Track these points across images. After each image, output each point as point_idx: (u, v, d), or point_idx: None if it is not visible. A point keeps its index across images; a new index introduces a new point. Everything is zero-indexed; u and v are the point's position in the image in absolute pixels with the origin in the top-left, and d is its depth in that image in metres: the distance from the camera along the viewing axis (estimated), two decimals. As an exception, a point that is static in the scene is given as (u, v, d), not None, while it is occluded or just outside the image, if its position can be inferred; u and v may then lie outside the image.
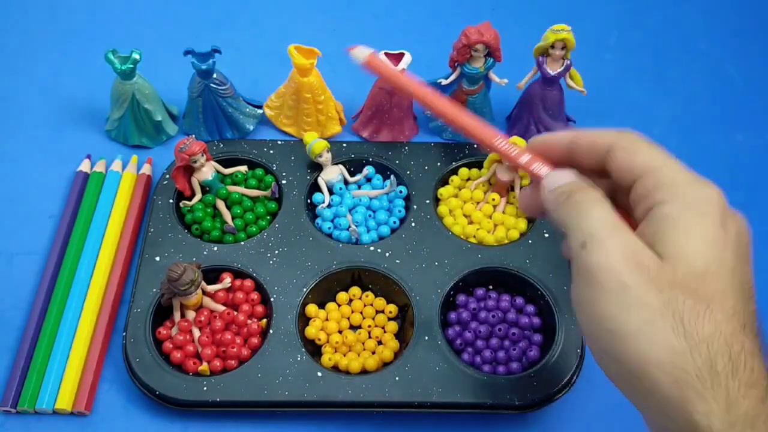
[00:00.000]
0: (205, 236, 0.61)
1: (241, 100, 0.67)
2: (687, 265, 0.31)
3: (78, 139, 0.68)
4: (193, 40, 0.63)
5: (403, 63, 0.62)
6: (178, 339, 0.55)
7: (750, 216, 0.71)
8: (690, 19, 0.83)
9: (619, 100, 0.74)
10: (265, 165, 0.65)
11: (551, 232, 0.61)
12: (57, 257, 0.60)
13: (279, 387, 0.52)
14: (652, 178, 0.34)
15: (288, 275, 0.58)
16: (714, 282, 0.31)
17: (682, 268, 0.31)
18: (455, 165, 0.65)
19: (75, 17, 0.79)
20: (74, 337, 0.56)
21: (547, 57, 0.64)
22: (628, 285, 0.31)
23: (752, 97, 0.76)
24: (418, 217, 0.62)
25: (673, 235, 0.32)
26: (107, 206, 0.63)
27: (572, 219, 0.35)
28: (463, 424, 0.54)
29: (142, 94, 0.64)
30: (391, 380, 0.53)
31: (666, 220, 0.33)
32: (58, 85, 0.73)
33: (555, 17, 0.64)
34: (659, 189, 0.33)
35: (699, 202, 0.33)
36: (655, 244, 0.32)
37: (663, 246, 0.32)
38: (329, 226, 0.62)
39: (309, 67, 0.63)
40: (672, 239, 0.32)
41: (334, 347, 0.56)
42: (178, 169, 0.60)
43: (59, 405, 0.53)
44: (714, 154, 0.70)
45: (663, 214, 0.33)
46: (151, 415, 0.54)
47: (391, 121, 0.67)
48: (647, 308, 0.31)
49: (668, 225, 0.32)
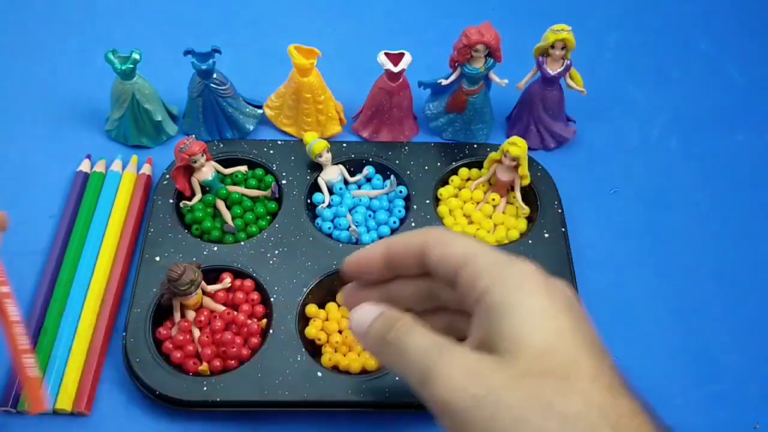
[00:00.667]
0: (205, 236, 0.61)
1: (241, 100, 0.67)
2: (530, 348, 0.30)
3: (78, 139, 0.68)
4: (193, 40, 0.63)
5: (403, 63, 0.62)
6: (178, 339, 0.55)
7: (750, 216, 0.71)
8: (690, 19, 0.83)
9: (619, 100, 0.74)
10: (265, 165, 0.65)
11: (551, 232, 0.61)
12: (57, 257, 0.60)
13: (279, 387, 0.52)
14: (471, 266, 0.33)
15: (288, 275, 0.58)
16: (562, 354, 0.30)
17: (527, 354, 0.30)
18: (455, 165, 0.65)
19: (75, 17, 0.79)
20: (74, 337, 0.56)
21: (547, 57, 0.64)
22: (482, 396, 0.30)
23: (752, 97, 0.76)
24: (418, 217, 0.62)
25: (507, 324, 0.31)
26: (107, 206, 0.62)
27: (398, 361, 0.33)
28: (463, 424, 0.54)
29: (142, 94, 0.64)
30: (391, 380, 0.53)
31: (495, 309, 0.32)
32: (58, 85, 0.73)
33: (555, 17, 0.64)
34: (480, 277, 0.32)
35: (520, 281, 0.32)
36: (494, 337, 0.31)
37: (501, 337, 0.31)
38: (329, 226, 0.62)
39: (309, 67, 0.63)
40: (507, 329, 0.31)
41: (334, 347, 0.56)
42: (178, 169, 0.60)
43: (59, 405, 0.53)
44: (714, 154, 0.70)
45: (491, 304, 0.32)
46: (151, 415, 0.54)
47: (391, 121, 0.67)
48: (512, 409, 0.29)
49: (499, 314, 0.31)
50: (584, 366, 0.30)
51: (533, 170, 0.64)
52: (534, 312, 0.31)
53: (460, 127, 0.68)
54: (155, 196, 0.62)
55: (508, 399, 0.29)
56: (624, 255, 0.63)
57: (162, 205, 0.62)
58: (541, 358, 0.30)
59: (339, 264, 0.59)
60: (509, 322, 0.31)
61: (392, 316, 0.34)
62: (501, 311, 0.31)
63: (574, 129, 0.70)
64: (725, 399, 0.56)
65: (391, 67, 0.62)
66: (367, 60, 0.65)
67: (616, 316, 0.60)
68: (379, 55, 0.63)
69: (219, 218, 0.62)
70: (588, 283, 0.60)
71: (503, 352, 0.30)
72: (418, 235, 0.36)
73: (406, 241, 0.36)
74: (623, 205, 0.66)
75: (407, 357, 0.32)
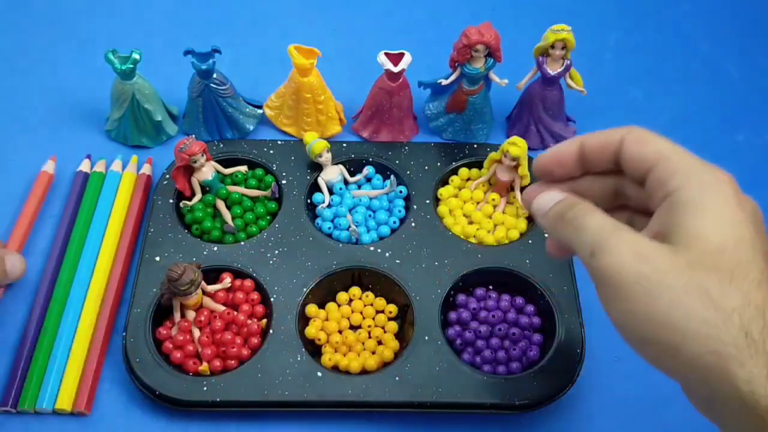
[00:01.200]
0: (205, 236, 0.61)
1: (241, 100, 0.67)
2: (704, 243, 0.32)
3: (78, 139, 0.68)
4: (193, 40, 0.63)
5: (403, 63, 0.62)
6: (178, 339, 0.55)
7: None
8: (690, 19, 0.83)
9: (619, 100, 0.74)
10: (265, 165, 0.65)
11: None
12: (57, 257, 0.60)
13: (279, 387, 0.52)
14: (666, 166, 0.35)
15: (288, 275, 0.58)
16: (734, 256, 0.32)
17: (700, 247, 0.32)
18: (455, 165, 0.65)
19: (75, 17, 0.79)
20: (74, 337, 0.56)
21: (547, 57, 0.64)
22: (646, 275, 0.32)
23: (752, 97, 0.76)
24: (418, 217, 0.62)
25: (691, 218, 0.33)
26: (107, 206, 0.62)
27: (572, 235, 0.36)
28: (463, 424, 0.54)
29: (142, 94, 0.64)
30: (391, 380, 0.53)
31: (682, 205, 0.33)
32: (58, 85, 0.73)
33: (555, 17, 0.64)
34: (674, 176, 0.34)
35: (714, 185, 0.34)
36: (672, 229, 0.33)
37: (679, 230, 0.33)
38: (329, 226, 0.62)
39: (309, 67, 0.63)
40: (691, 222, 0.33)
41: (334, 347, 0.56)
42: (178, 169, 0.60)
43: (59, 405, 0.53)
44: (714, 154, 0.69)
45: (679, 200, 0.34)
46: (151, 415, 0.54)
47: (391, 121, 0.67)
48: (671, 290, 0.32)
49: (684, 209, 0.33)
50: (753, 270, 0.32)
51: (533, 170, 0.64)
52: (719, 215, 0.33)
53: (460, 127, 0.68)
54: (155, 196, 0.62)
55: (671, 281, 0.32)
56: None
57: (162, 205, 0.62)
58: (712, 254, 0.32)
59: (339, 264, 0.59)
60: (692, 218, 0.33)
61: (574, 200, 0.37)
62: (687, 208, 0.33)
63: (574, 129, 0.70)
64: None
65: (391, 67, 0.62)
66: (367, 60, 0.65)
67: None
68: (379, 55, 0.63)
69: (219, 218, 0.62)
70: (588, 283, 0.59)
71: (677, 243, 0.33)
72: (617, 131, 0.37)
73: (603, 137, 0.38)
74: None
75: (584, 231, 0.35)
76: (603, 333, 0.58)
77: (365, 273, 0.59)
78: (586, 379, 0.55)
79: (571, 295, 0.57)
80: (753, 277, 0.32)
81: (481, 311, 0.57)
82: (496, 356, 0.55)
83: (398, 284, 0.58)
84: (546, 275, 0.58)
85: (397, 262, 0.59)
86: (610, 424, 0.55)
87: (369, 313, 0.58)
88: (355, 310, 0.58)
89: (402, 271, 0.58)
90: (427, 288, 0.57)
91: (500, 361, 0.55)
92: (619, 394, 0.56)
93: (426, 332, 0.55)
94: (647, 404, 0.55)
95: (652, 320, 0.32)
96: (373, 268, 0.59)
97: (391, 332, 0.57)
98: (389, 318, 0.58)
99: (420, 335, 0.55)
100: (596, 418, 0.55)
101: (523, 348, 0.56)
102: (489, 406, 0.52)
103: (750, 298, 0.31)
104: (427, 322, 0.56)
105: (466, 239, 0.61)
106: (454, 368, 0.54)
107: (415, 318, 0.56)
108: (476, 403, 0.52)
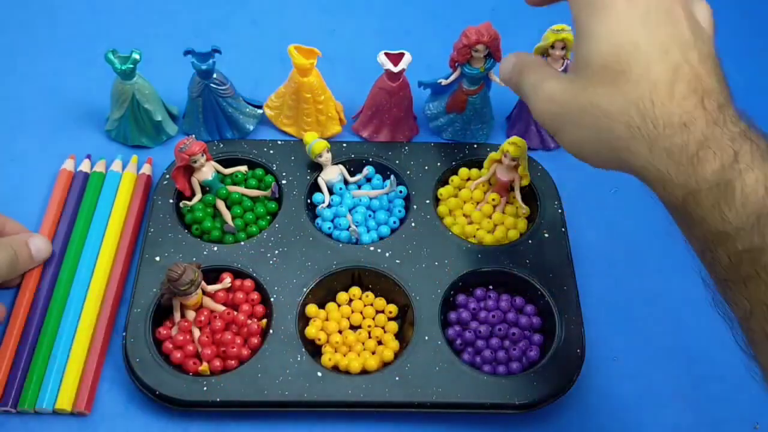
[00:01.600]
0: (205, 236, 0.61)
1: (241, 100, 0.67)
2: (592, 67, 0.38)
3: (78, 139, 0.68)
4: (193, 40, 0.63)
5: (403, 63, 0.62)
6: (178, 339, 0.55)
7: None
8: (690, 19, 0.82)
9: (619, 100, 0.74)
10: (265, 165, 0.65)
11: (551, 232, 0.61)
12: (57, 257, 0.60)
13: (279, 387, 0.52)
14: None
15: (288, 275, 0.58)
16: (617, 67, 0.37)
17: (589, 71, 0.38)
18: (455, 165, 0.65)
19: (75, 17, 0.79)
20: (74, 337, 0.56)
21: (547, 57, 0.64)
22: (556, 113, 0.41)
23: (752, 97, 0.75)
24: (418, 217, 0.62)
25: (583, 48, 0.39)
26: (107, 206, 0.62)
27: (517, 91, 0.46)
28: (463, 424, 0.54)
29: (142, 94, 0.64)
30: (391, 380, 0.53)
31: (578, 35, 0.39)
32: (58, 84, 0.73)
33: (555, 17, 0.64)
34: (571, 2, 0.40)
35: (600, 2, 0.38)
36: (575, 62, 0.40)
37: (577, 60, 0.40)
38: (329, 226, 0.62)
39: (309, 67, 0.63)
40: (582, 51, 0.39)
41: (334, 347, 0.56)
42: (178, 169, 0.60)
43: (59, 405, 0.53)
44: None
45: (577, 30, 0.39)
46: (151, 415, 0.54)
47: (391, 121, 0.67)
48: (570, 114, 0.40)
49: (578, 38, 0.39)
50: (641, 73, 0.36)
51: (533, 170, 0.64)
52: (602, 33, 0.38)
53: (460, 127, 0.68)
54: (155, 196, 0.62)
55: (571, 108, 0.39)
56: (624, 255, 0.63)
57: (162, 205, 0.62)
58: (601, 73, 0.37)
59: (339, 264, 0.59)
60: (584, 46, 0.39)
61: (521, 60, 0.46)
62: (579, 36, 0.39)
63: (574, 129, 0.70)
64: (725, 399, 0.56)
65: (391, 67, 0.62)
66: (367, 60, 0.65)
67: (617, 316, 0.60)
68: (379, 55, 0.63)
69: (219, 218, 0.62)
70: (588, 283, 0.60)
71: (578, 72, 0.39)
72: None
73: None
74: (623, 205, 0.66)
75: (522, 87, 0.45)
76: (603, 333, 0.59)
77: (365, 273, 0.59)
78: (586, 379, 0.55)
79: (571, 295, 0.57)
80: (645, 79, 0.36)
81: (481, 311, 0.57)
82: (496, 356, 0.55)
83: (398, 284, 0.58)
84: (546, 275, 0.58)
85: (397, 262, 0.59)
86: (610, 424, 0.55)
87: (369, 313, 0.58)
88: (355, 310, 0.58)
89: (402, 271, 0.58)
90: (427, 288, 0.57)
91: (500, 361, 0.55)
92: (619, 394, 0.56)
93: (426, 332, 0.55)
94: (647, 404, 0.55)
95: (574, 146, 0.41)
96: (373, 268, 0.59)
97: (391, 332, 0.57)
98: (389, 318, 0.58)
99: (420, 335, 0.55)
100: (596, 418, 0.55)
101: (523, 348, 0.56)
102: (489, 406, 0.52)
103: (631, 98, 0.36)
104: (427, 322, 0.56)
105: (465, 239, 0.61)
106: (454, 368, 0.54)
107: (415, 318, 0.56)
108: (476, 403, 0.52)
